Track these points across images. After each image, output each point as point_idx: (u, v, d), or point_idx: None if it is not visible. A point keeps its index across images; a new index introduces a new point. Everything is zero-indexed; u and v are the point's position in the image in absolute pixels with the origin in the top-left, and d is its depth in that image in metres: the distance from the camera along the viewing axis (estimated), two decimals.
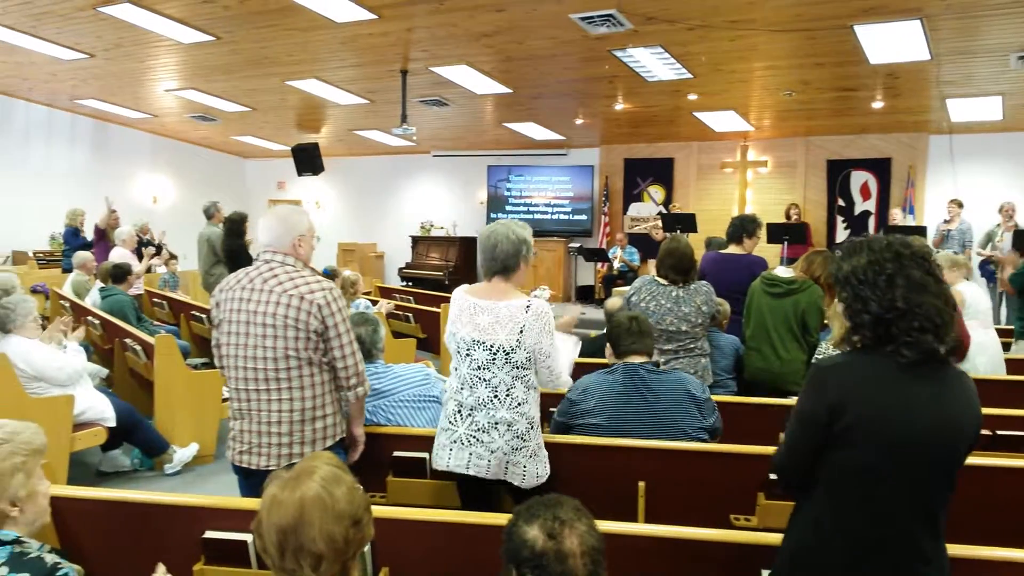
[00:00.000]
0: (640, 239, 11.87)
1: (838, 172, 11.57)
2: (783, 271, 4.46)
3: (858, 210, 11.50)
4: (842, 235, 11.52)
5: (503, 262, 2.86)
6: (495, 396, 2.79)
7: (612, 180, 13.07)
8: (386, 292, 10.50)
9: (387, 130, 11.93)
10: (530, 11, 6.58)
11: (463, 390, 2.84)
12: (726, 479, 2.91)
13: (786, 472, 1.89)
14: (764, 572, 2.11)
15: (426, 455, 3.14)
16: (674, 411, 3.10)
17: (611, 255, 11.73)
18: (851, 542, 1.73)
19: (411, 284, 13.07)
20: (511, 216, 13.83)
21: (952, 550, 1.82)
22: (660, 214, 11.68)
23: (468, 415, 2.82)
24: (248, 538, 2.32)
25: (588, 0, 6.23)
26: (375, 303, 7.44)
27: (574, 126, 11.79)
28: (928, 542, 1.74)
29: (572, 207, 13.25)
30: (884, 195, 11.27)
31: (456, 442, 2.84)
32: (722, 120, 10.75)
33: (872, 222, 11.34)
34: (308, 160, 11.38)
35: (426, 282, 12.93)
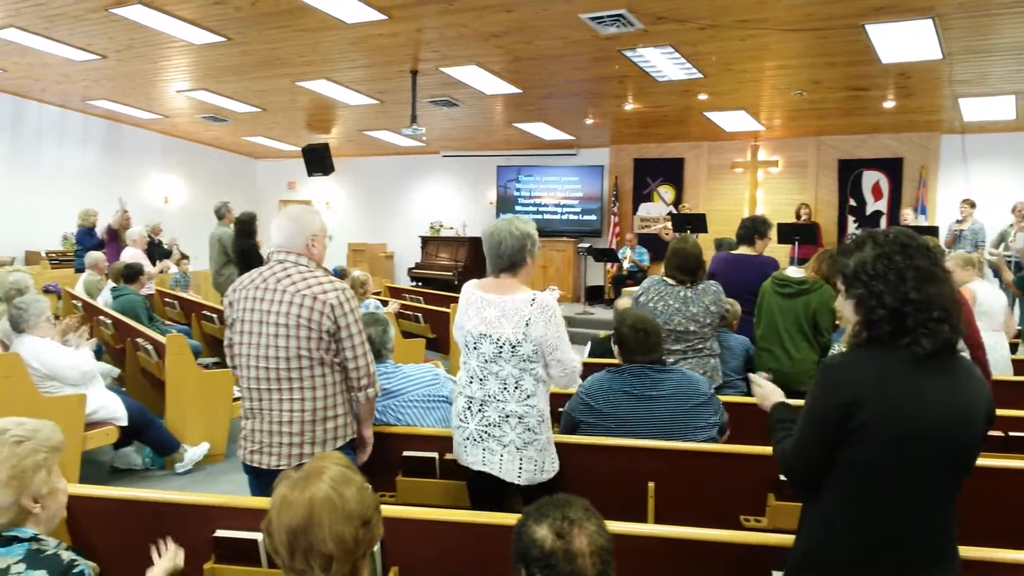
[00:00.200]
0: (650, 239, 11.85)
1: (849, 172, 11.51)
2: (794, 271, 4.45)
3: (870, 210, 11.44)
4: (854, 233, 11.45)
5: (509, 258, 2.87)
6: (504, 388, 2.80)
7: (622, 180, 13.05)
8: (396, 292, 10.51)
9: (397, 130, 11.94)
10: (540, 11, 6.58)
11: (472, 384, 2.86)
12: (736, 480, 2.90)
13: (796, 472, 1.88)
14: (775, 573, 2.10)
15: (435, 455, 3.15)
16: (682, 411, 3.10)
17: (621, 255, 11.71)
18: (862, 540, 1.72)
19: (421, 284, 13.09)
20: (518, 215, 13.83)
21: (962, 552, 1.81)
22: (670, 214, 11.66)
23: (479, 410, 2.84)
24: (258, 537, 2.33)
25: (598, 0, 6.23)
26: (385, 303, 7.45)
27: (584, 126, 11.78)
28: (940, 540, 1.73)
29: (582, 207, 13.23)
30: (896, 195, 11.21)
31: (468, 439, 2.86)
32: (732, 120, 10.71)
33: (884, 222, 11.26)
34: (318, 160, 11.41)
35: (435, 282, 12.94)
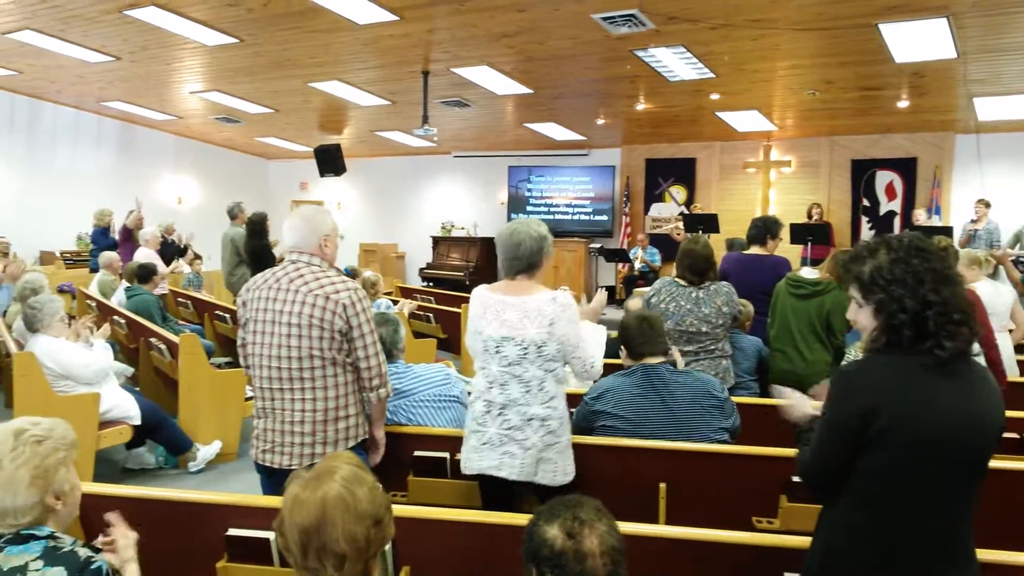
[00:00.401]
0: (662, 240, 11.82)
1: (863, 172, 11.44)
2: (809, 272, 4.43)
3: (883, 210, 11.37)
4: (867, 236, 11.36)
5: (528, 260, 2.86)
6: (528, 391, 2.77)
7: (633, 180, 13.02)
8: (407, 292, 10.52)
9: (408, 131, 11.96)
10: (551, 11, 6.57)
11: (492, 388, 2.82)
12: (748, 481, 2.89)
13: (815, 478, 1.86)
14: (787, 575, 2.09)
15: (447, 455, 3.15)
16: (694, 412, 3.09)
17: (632, 256, 11.69)
18: (880, 544, 1.71)
19: (432, 284, 13.10)
20: (531, 217, 13.77)
21: (979, 555, 1.79)
22: (682, 214, 11.62)
23: (499, 413, 2.79)
24: (270, 536, 2.34)
25: (609, 0, 6.22)
26: (396, 303, 7.46)
27: (595, 126, 11.76)
28: (957, 543, 1.72)
29: (593, 207, 13.21)
30: (910, 195, 11.13)
31: (487, 444, 2.81)
32: (745, 120, 10.67)
33: (897, 222, 11.20)
34: (330, 161, 11.45)
35: (447, 282, 12.95)
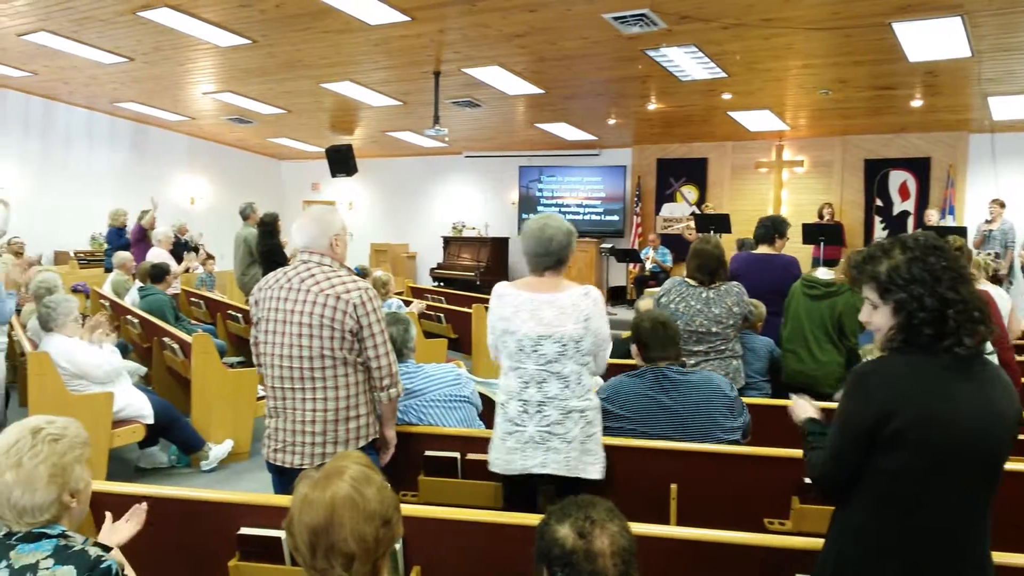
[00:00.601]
0: (673, 240, 11.79)
1: (876, 172, 11.37)
2: (824, 273, 4.39)
3: (896, 210, 11.30)
4: (880, 236, 11.30)
5: (558, 255, 2.83)
6: (566, 387, 2.76)
7: (644, 180, 12.99)
8: (418, 292, 10.54)
9: (419, 131, 11.99)
10: (563, 11, 6.57)
11: (529, 388, 2.78)
12: (760, 482, 2.87)
13: (828, 480, 1.85)
14: None
15: (457, 455, 3.15)
16: (704, 412, 3.07)
17: (643, 256, 11.66)
18: (895, 547, 1.70)
19: (443, 284, 13.11)
20: (554, 212, 13.62)
21: (995, 557, 1.77)
22: (693, 214, 11.59)
23: (537, 411, 2.77)
24: (282, 535, 2.34)
25: (621, 0, 6.21)
26: (407, 303, 7.47)
27: (606, 126, 11.74)
28: (973, 545, 1.70)
29: (604, 207, 13.19)
30: (923, 195, 11.05)
31: (528, 443, 2.77)
32: (757, 119, 10.63)
33: (911, 222, 11.13)
34: (342, 161, 11.47)
35: (457, 282, 12.96)
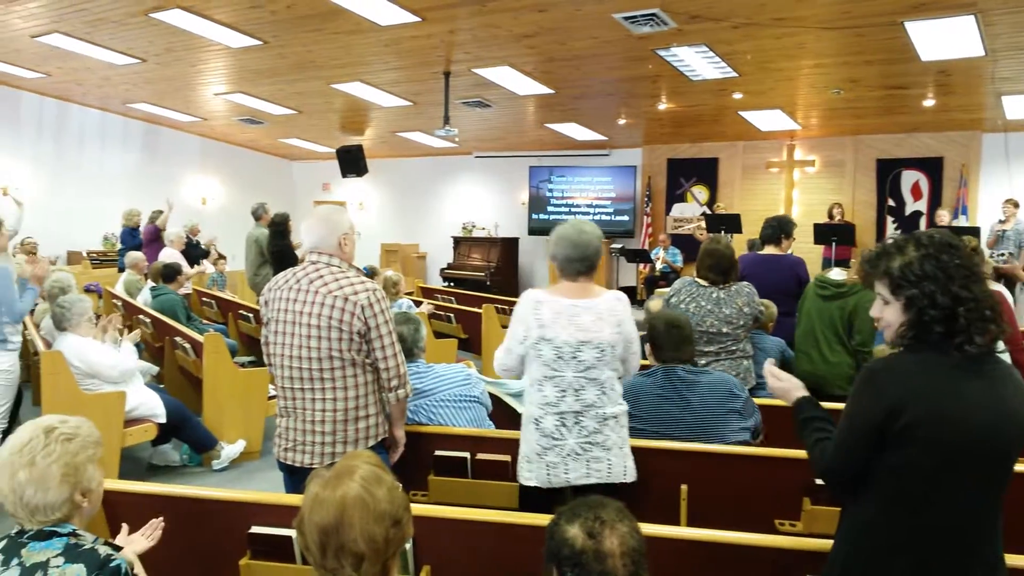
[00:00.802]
0: (684, 240, 11.76)
1: (888, 172, 11.30)
2: (837, 273, 4.37)
3: (909, 210, 11.23)
4: (892, 236, 11.22)
5: (592, 260, 2.83)
6: (603, 393, 2.75)
7: (655, 180, 12.97)
8: (428, 292, 10.55)
9: (430, 131, 12.00)
10: (573, 11, 6.56)
11: (566, 397, 2.73)
12: (770, 483, 2.86)
13: (835, 475, 1.84)
14: None
15: (467, 455, 3.15)
16: (715, 412, 3.07)
17: (653, 256, 11.64)
18: (904, 546, 1.69)
19: (453, 284, 13.13)
20: (553, 218, 13.68)
21: (1008, 560, 1.77)
22: (704, 215, 11.56)
23: (575, 423, 2.73)
24: (293, 534, 2.35)
25: None
26: (418, 303, 7.48)
27: (616, 126, 11.73)
28: (984, 546, 1.69)
29: (614, 208, 13.17)
30: (936, 195, 10.98)
31: (569, 455, 2.72)
32: (768, 119, 10.59)
33: (923, 222, 11.05)
34: (352, 162, 11.50)
35: (468, 282, 12.97)
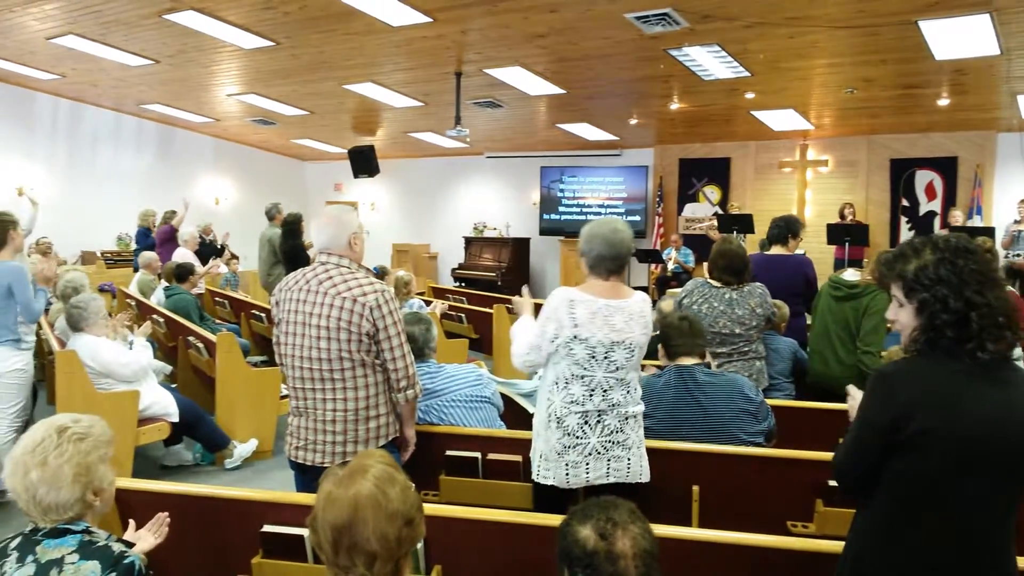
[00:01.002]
0: (696, 240, 11.72)
1: (902, 171, 11.23)
2: (851, 274, 4.35)
3: (923, 210, 11.15)
4: (906, 236, 11.15)
5: (624, 260, 2.83)
6: (628, 393, 2.77)
7: (667, 180, 12.94)
8: (439, 292, 10.56)
9: (441, 132, 12.02)
10: (584, 11, 6.55)
11: (594, 396, 2.73)
12: (783, 485, 2.85)
13: (846, 476, 1.84)
14: None
15: (478, 455, 3.15)
16: (727, 414, 3.05)
17: (665, 256, 11.61)
18: (915, 549, 1.68)
19: (464, 285, 13.14)
20: (563, 218, 13.53)
21: (1020, 563, 1.75)
22: (716, 215, 11.52)
23: (598, 421, 2.73)
24: (304, 532, 2.36)
25: None
26: (429, 303, 7.49)
27: (628, 126, 11.70)
28: (996, 550, 1.67)
29: (626, 208, 13.13)
30: (950, 195, 10.90)
31: (591, 454, 2.73)
32: (781, 119, 10.53)
33: (937, 223, 10.97)
34: (364, 162, 11.53)
35: (479, 283, 12.98)
